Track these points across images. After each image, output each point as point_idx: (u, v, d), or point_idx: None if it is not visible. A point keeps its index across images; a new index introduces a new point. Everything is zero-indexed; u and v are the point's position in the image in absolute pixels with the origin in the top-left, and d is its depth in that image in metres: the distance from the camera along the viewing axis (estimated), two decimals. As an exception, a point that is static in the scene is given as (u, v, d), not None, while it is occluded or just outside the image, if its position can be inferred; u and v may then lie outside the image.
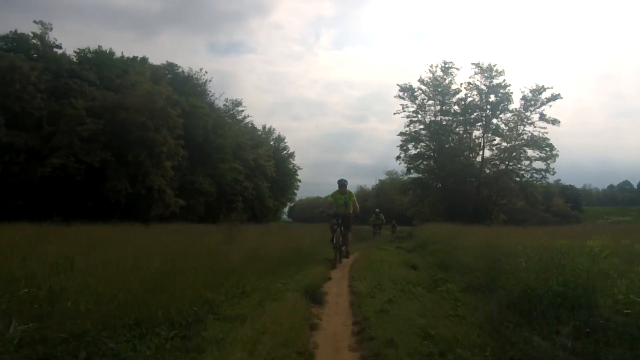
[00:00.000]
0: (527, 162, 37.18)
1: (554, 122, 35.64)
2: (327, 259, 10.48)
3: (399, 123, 50.19)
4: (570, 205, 70.97)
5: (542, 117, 35.72)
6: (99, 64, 33.50)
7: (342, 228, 10.43)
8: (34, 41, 31.24)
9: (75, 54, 35.26)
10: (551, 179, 41.43)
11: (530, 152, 36.68)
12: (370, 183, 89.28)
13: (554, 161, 36.01)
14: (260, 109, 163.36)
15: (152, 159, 28.62)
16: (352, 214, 10.81)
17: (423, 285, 6.87)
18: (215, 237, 11.82)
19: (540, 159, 36.24)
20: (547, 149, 35.66)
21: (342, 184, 10.94)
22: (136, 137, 27.74)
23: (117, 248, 8.51)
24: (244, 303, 5.30)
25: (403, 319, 4.63)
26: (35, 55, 30.19)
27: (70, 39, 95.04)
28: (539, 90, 36.08)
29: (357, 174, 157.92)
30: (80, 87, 28.98)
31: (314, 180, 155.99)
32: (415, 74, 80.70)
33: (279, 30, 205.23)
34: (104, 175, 26.94)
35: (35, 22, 30.60)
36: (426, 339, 3.94)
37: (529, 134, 36.53)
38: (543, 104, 35.80)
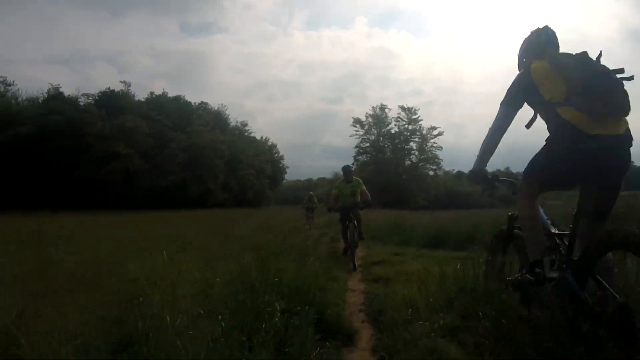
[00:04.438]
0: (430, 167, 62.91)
1: (439, 148, 60.82)
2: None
3: (374, 105, 75.82)
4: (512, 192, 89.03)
5: (433, 145, 60.71)
6: (160, 105, 55.39)
7: (355, 222, 8.62)
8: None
9: (144, 99, 57.52)
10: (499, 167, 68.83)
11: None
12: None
13: (440, 170, 61.70)
14: (235, 90, 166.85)
15: (210, 174, 51.06)
16: (361, 203, 9.17)
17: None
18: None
19: (431, 169, 61.91)
20: (436, 163, 61.18)
21: (347, 170, 9.47)
22: (203, 163, 50.14)
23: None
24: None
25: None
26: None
27: (39, 21, 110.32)
28: (433, 129, 60.78)
29: (333, 156, 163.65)
30: (162, 131, 50.92)
31: (291, 162, 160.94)
32: (389, 55, 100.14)
33: (250, 10, 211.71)
34: (187, 184, 49.34)
35: (121, 81, 53.07)
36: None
37: (427, 154, 61.62)
38: (433, 137, 60.75)
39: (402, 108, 63.75)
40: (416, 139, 63.72)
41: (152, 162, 47.96)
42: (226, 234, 8.60)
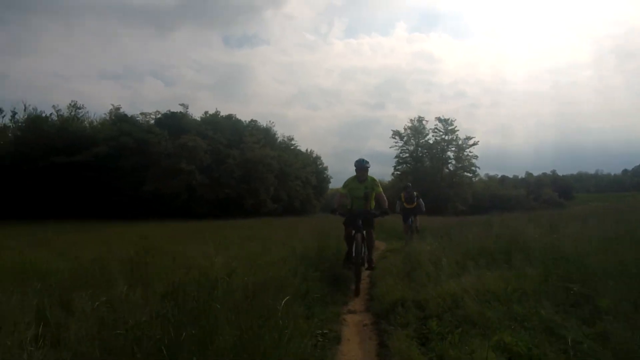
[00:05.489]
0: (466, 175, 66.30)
1: (475, 157, 64.12)
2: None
3: (418, 110, 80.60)
4: (558, 194, 78.37)
5: (469, 154, 64.09)
6: (215, 124, 61.25)
7: (364, 232, 7.01)
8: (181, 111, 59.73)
9: (200, 118, 63.59)
10: (547, 169, 73.98)
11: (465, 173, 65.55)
12: (388, 171, 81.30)
13: (476, 177, 65.15)
14: (277, 100, 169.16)
15: (262, 186, 56.35)
16: (377, 211, 7.31)
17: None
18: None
19: (468, 177, 65.19)
20: (472, 171, 64.39)
21: (362, 166, 7.40)
22: (256, 177, 55.52)
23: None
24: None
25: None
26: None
27: (90, 36, 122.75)
28: (468, 139, 64.17)
29: (377, 162, 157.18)
30: (218, 148, 56.64)
31: (335, 169, 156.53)
32: (431, 58, 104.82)
33: (291, 20, 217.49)
34: (242, 196, 54.76)
35: (179, 104, 59.20)
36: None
37: (464, 162, 64.91)
38: (469, 146, 64.10)
39: (439, 119, 67.79)
40: (453, 149, 67.14)
41: (211, 177, 53.67)
42: (291, 232, 13.19)
